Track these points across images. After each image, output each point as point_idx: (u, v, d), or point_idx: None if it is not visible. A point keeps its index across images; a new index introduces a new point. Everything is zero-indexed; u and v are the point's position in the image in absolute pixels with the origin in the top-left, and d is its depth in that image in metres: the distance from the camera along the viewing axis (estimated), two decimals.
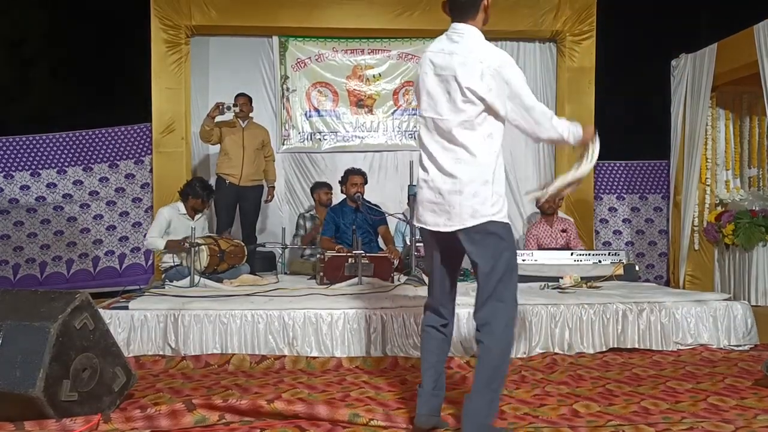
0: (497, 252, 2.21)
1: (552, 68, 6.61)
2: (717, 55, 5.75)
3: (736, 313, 3.92)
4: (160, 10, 5.92)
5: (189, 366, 3.41)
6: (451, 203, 2.22)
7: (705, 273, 6.12)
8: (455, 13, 2.29)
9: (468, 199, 2.20)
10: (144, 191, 6.33)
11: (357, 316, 3.60)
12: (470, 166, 2.21)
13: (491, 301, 2.20)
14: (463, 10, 2.28)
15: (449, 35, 2.30)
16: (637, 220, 6.99)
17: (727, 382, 3.09)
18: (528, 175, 6.62)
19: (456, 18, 2.30)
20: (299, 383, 3.09)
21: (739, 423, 2.45)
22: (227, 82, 6.21)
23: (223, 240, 4.88)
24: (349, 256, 4.53)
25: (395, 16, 6.13)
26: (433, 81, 2.27)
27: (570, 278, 4.44)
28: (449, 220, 2.24)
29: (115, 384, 2.58)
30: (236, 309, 3.62)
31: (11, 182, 6.14)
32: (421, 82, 2.33)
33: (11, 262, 6.08)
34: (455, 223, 2.23)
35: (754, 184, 6.24)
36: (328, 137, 6.51)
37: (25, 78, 8.10)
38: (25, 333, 2.35)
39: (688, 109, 6.12)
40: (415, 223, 2.43)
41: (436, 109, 2.26)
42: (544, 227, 5.57)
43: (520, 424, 2.47)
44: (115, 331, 3.45)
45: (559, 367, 3.44)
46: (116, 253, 6.27)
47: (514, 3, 6.34)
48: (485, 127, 2.23)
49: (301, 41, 6.43)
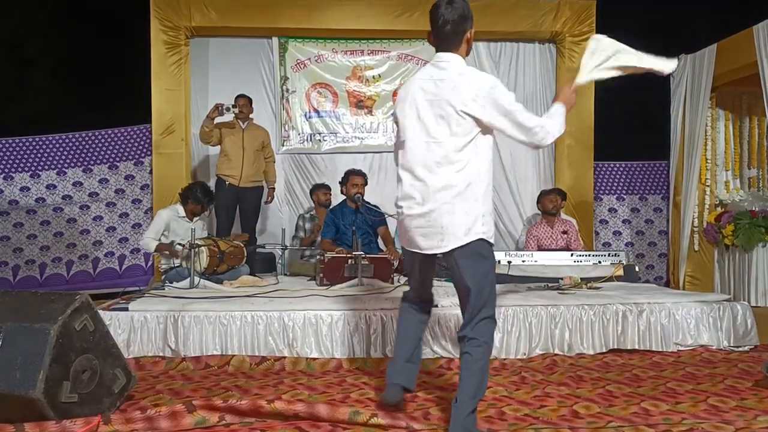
0: (485, 272, 2.33)
1: (552, 69, 6.62)
2: (716, 55, 5.75)
3: (736, 314, 3.93)
4: (160, 11, 5.92)
5: (189, 367, 3.41)
6: (444, 225, 2.30)
7: (705, 274, 6.12)
8: (440, 44, 2.40)
9: (461, 218, 2.28)
10: (144, 192, 6.33)
11: (357, 318, 3.60)
12: (462, 186, 2.29)
13: (479, 317, 2.31)
14: (447, 41, 2.38)
15: (435, 64, 2.41)
16: (637, 220, 6.99)
17: (727, 383, 3.09)
18: (528, 176, 6.63)
19: (441, 48, 2.41)
20: (299, 384, 3.09)
21: (740, 424, 2.45)
22: (227, 83, 6.22)
23: (222, 241, 4.88)
24: (349, 257, 4.53)
25: (395, 17, 6.14)
26: (425, 106, 2.35)
27: (570, 279, 4.45)
28: (443, 241, 2.32)
29: (115, 385, 2.58)
30: (236, 310, 3.62)
31: (11, 184, 6.14)
32: (409, 109, 2.40)
33: (11, 264, 6.08)
34: (450, 243, 2.30)
35: (753, 184, 6.24)
36: (328, 138, 6.51)
37: (25, 79, 8.10)
38: (25, 334, 2.35)
39: (687, 109, 6.12)
40: (407, 248, 2.49)
41: (429, 132, 2.34)
42: (545, 228, 5.57)
43: (520, 425, 2.47)
44: (115, 333, 3.45)
45: (559, 368, 3.44)
46: (116, 255, 6.27)
47: (514, 4, 6.35)
48: (476, 148, 2.32)
49: (300, 42, 6.43)
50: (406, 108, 2.42)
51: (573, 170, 6.41)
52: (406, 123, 2.41)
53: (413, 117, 2.39)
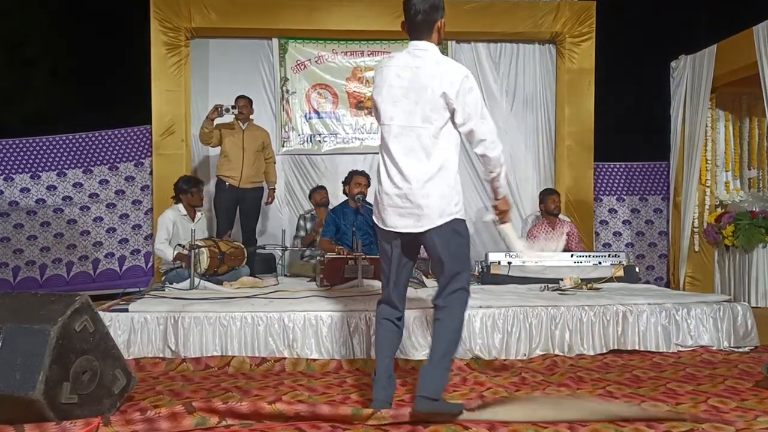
0: (458, 244, 2.48)
1: (552, 70, 6.62)
2: (716, 56, 5.76)
3: (737, 315, 3.92)
4: (160, 13, 5.93)
5: (189, 368, 3.41)
6: (420, 205, 2.44)
7: (705, 274, 6.12)
8: (413, 32, 2.52)
9: (437, 201, 2.43)
10: (144, 193, 6.34)
11: (357, 319, 3.60)
12: (436, 169, 2.44)
13: (452, 287, 2.48)
14: (419, 30, 2.50)
15: (411, 51, 2.51)
16: (637, 221, 6.99)
17: (727, 384, 3.09)
18: (528, 176, 6.63)
19: (413, 36, 2.52)
20: (299, 385, 3.09)
21: (740, 425, 2.44)
22: (227, 84, 6.22)
23: (223, 242, 4.88)
24: (349, 258, 4.53)
25: (395, 18, 6.11)
26: (400, 92, 2.47)
27: (570, 280, 4.44)
28: (418, 221, 2.46)
29: (115, 386, 2.57)
30: (236, 311, 3.62)
31: (11, 185, 6.14)
32: (386, 94, 2.50)
33: (11, 265, 6.08)
34: (425, 223, 2.45)
35: (753, 185, 6.25)
36: (328, 139, 6.51)
37: (25, 79, 8.09)
38: (25, 336, 2.35)
39: (687, 110, 6.13)
40: (381, 226, 2.57)
41: (405, 117, 2.46)
42: (546, 228, 5.56)
43: (520, 426, 2.47)
44: (115, 334, 3.44)
45: (560, 368, 3.44)
46: (116, 256, 6.27)
47: (514, 5, 6.36)
48: (449, 134, 2.47)
49: (300, 43, 6.44)
50: (384, 93, 2.51)
51: (573, 171, 6.41)
52: (384, 107, 2.52)
53: (389, 102, 2.49)
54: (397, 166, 2.47)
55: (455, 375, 3.27)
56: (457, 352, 3.50)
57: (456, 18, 6.24)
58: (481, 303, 3.75)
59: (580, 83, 6.37)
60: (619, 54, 7.03)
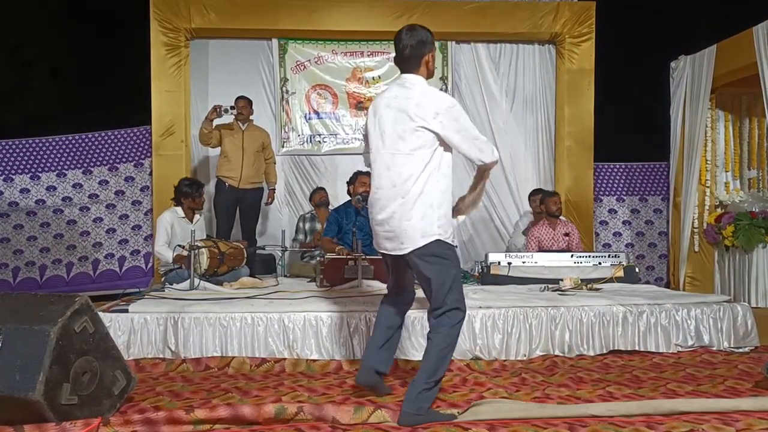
0: (443, 267, 2.56)
1: (551, 70, 6.62)
2: (716, 56, 5.76)
3: (737, 315, 3.92)
4: (160, 13, 5.93)
5: (189, 369, 3.40)
6: (403, 228, 2.56)
7: (705, 275, 6.12)
8: (402, 66, 2.68)
9: (418, 222, 2.53)
10: (144, 194, 6.34)
11: (357, 319, 3.60)
12: (416, 194, 2.54)
13: (443, 309, 2.55)
14: (407, 63, 2.66)
15: (401, 84, 2.67)
16: (637, 221, 6.99)
17: (727, 384, 3.09)
18: (528, 177, 6.62)
19: (403, 70, 2.69)
20: (299, 386, 3.09)
21: (740, 425, 2.44)
22: (227, 84, 6.22)
23: (222, 242, 4.87)
24: (349, 259, 4.52)
25: (394, 19, 6.13)
26: (389, 122, 2.61)
27: (570, 280, 4.44)
28: (402, 244, 2.58)
29: (114, 387, 2.57)
30: (236, 312, 3.62)
31: (11, 185, 6.14)
32: (378, 124, 2.66)
33: (11, 266, 6.08)
34: (408, 245, 2.57)
35: (753, 185, 6.25)
36: (328, 140, 6.52)
37: (25, 80, 8.10)
38: (25, 336, 2.34)
39: (687, 110, 6.13)
40: (377, 249, 2.76)
41: (392, 145, 2.59)
42: (547, 229, 5.56)
43: (520, 426, 2.47)
44: (115, 334, 3.44)
45: (560, 369, 3.44)
46: (116, 256, 6.27)
47: (514, 5, 6.36)
48: (435, 161, 2.56)
49: (300, 44, 6.44)
50: (375, 122, 2.68)
51: (573, 171, 6.41)
52: (373, 135, 2.68)
53: (378, 131, 2.65)
54: (382, 191, 2.61)
55: (455, 375, 3.27)
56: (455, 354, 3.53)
57: (456, 18, 6.26)
58: (481, 303, 3.75)
59: (580, 83, 6.37)
60: (619, 54, 7.04)
